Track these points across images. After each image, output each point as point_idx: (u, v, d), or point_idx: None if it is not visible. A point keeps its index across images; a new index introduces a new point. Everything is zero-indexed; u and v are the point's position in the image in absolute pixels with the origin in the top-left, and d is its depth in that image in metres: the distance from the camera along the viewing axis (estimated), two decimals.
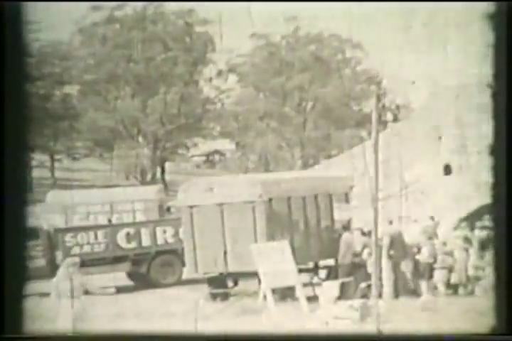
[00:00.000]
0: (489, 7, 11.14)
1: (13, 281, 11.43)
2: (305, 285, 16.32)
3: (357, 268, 16.72)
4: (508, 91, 10.92)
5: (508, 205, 10.90)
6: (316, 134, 31.70)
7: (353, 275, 16.65)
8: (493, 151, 11.05)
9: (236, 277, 17.28)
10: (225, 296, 17.09)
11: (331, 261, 17.61)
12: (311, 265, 17.66)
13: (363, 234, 16.94)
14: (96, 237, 20.01)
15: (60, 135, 36.40)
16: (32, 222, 13.88)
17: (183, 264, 18.30)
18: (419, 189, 19.45)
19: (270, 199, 16.89)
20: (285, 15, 34.05)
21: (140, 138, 36.49)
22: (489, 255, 15.96)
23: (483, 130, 19.11)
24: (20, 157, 11.49)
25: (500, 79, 10.97)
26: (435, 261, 16.69)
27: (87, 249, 19.78)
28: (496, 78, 11.01)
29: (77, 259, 13.46)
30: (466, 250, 16.59)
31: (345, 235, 17.29)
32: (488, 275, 15.83)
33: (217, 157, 39.16)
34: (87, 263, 19.28)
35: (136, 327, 14.17)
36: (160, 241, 20.46)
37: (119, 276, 20.34)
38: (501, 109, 10.94)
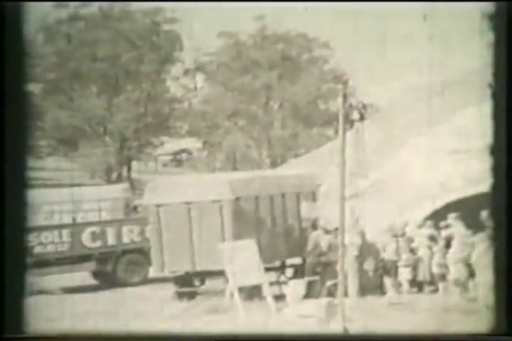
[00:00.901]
0: (489, 7, 11.21)
1: (14, 281, 11.43)
2: (272, 283, 16.41)
3: (323, 266, 16.85)
4: (508, 92, 10.98)
5: (508, 205, 10.98)
6: (283, 133, 31.85)
7: (319, 274, 16.79)
8: (493, 151, 11.11)
9: (203, 276, 17.32)
10: (192, 295, 17.12)
11: (297, 260, 17.73)
12: (278, 264, 17.75)
13: (330, 232, 17.07)
14: (60, 236, 19.94)
15: None
16: None
17: (150, 263, 18.30)
18: (386, 187, 19.62)
19: (237, 198, 16.96)
20: (253, 14, 34.17)
21: (106, 137, 36.34)
22: (453, 253, 16.17)
23: (452, 129, 19.37)
24: (20, 157, 11.50)
25: (500, 79, 11.02)
26: (400, 258, 16.89)
27: (50, 248, 19.70)
28: (496, 78, 11.07)
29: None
30: (431, 248, 16.79)
31: (312, 234, 17.41)
32: (452, 273, 16.04)
33: (184, 156, 39.07)
34: (51, 262, 19.21)
35: (100, 327, 14.14)
36: (126, 240, 20.47)
37: (84, 276, 20.29)
38: (501, 109, 10.98)
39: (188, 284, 17.40)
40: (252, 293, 15.97)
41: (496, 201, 11.11)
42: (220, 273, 16.11)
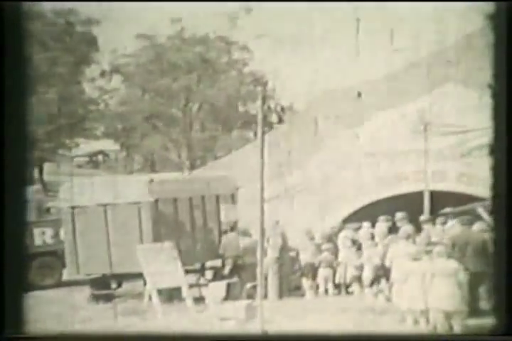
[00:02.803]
0: (489, 7, 11.20)
1: (14, 282, 11.06)
2: (191, 286, 16.37)
3: (243, 268, 16.89)
4: (508, 91, 10.94)
5: (508, 205, 10.95)
6: (203, 135, 31.84)
7: (239, 276, 16.82)
8: (493, 151, 11.07)
9: (120, 278, 17.15)
10: (108, 297, 16.91)
11: (217, 262, 17.73)
12: (197, 266, 17.72)
13: (250, 234, 17.13)
14: None
15: None
16: None
17: (64, 265, 17.98)
18: (305, 190, 19.82)
19: (156, 201, 16.83)
20: (170, 16, 34.03)
21: None
22: (368, 254, 16.45)
23: (369, 131, 19.70)
24: (20, 157, 11.14)
25: (501, 79, 10.97)
26: (318, 261, 17.08)
27: None
28: (496, 78, 11.02)
29: None
30: (348, 250, 17.03)
31: (232, 236, 17.44)
32: (368, 274, 16.31)
33: (100, 157, 38.59)
34: None
35: None
36: (38, 242, 20.06)
37: None
38: (501, 109, 10.94)
39: (104, 286, 17.20)
40: (171, 295, 15.90)
41: (496, 201, 11.10)
42: (139, 276, 16.00)
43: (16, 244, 11.31)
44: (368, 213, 18.18)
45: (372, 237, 16.92)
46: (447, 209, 16.69)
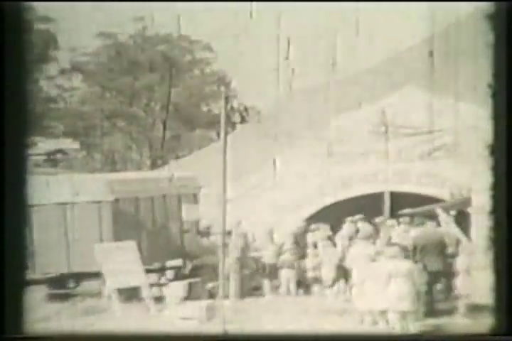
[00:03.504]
0: (489, 7, 11.23)
1: (14, 282, 10.93)
2: (152, 285, 16.39)
3: (204, 268, 16.97)
4: (508, 92, 10.99)
5: (508, 205, 11.02)
6: (165, 134, 31.79)
7: (200, 276, 16.89)
8: (493, 151, 11.11)
9: (78, 277, 17.12)
10: (66, 297, 16.87)
11: (178, 262, 17.78)
12: (158, 265, 17.76)
13: (211, 234, 17.22)
14: None
15: None
16: None
17: None
18: (268, 190, 19.95)
19: (117, 200, 16.84)
20: (133, 15, 33.94)
21: None
22: (327, 256, 16.63)
23: (331, 133, 19.90)
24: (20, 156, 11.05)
25: (500, 79, 11.01)
26: (279, 261, 17.22)
27: None
28: (496, 78, 11.05)
29: None
30: (309, 250, 17.20)
31: (194, 236, 17.52)
32: (326, 275, 16.51)
33: (59, 156, 38.31)
34: None
35: None
36: None
37: None
38: (501, 109, 10.99)
39: (61, 286, 17.17)
40: (130, 294, 15.91)
41: (496, 201, 11.15)
42: (98, 275, 15.99)
43: (16, 244, 11.28)
44: (330, 214, 18.39)
45: (333, 238, 17.12)
46: (407, 210, 16.94)
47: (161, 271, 17.80)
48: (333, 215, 17.99)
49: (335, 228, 17.50)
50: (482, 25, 11.23)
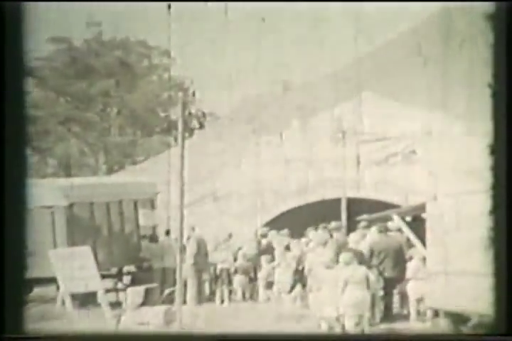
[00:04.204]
0: (489, 7, 11.29)
1: (13, 282, 10.85)
2: (108, 291, 16.41)
3: (162, 273, 17.04)
4: (508, 92, 11.03)
5: (508, 205, 11.07)
6: (121, 140, 31.70)
7: (158, 281, 16.96)
8: (493, 151, 11.12)
9: (32, 283, 17.00)
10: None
11: (135, 267, 17.80)
12: (114, 271, 17.76)
13: (169, 239, 17.31)
14: None
15: None
16: None
17: None
18: (226, 195, 20.07)
19: (71, 205, 16.83)
20: (88, 19, 33.79)
21: None
22: (286, 261, 16.79)
23: (289, 139, 20.14)
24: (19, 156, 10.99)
25: (501, 79, 11.05)
26: (234, 267, 17.36)
27: None
28: (496, 78, 11.09)
29: None
30: (266, 256, 17.36)
31: (151, 241, 17.59)
32: (283, 281, 16.66)
33: None
34: None
35: None
36: None
37: None
38: (501, 109, 11.02)
39: None
40: (86, 300, 15.90)
41: (496, 201, 11.18)
42: (51, 280, 15.95)
43: (16, 244, 11.25)
44: (287, 220, 18.60)
45: (291, 244, 17.30)
46: (364, 216, 17.20)
47: (118, 276, 17.81)
48: (290, 221, 18.21)
49: (292, 234, 17.69)
50: (482, 25, 11.38)
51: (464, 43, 16.06)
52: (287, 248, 17.24)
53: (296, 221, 17.92)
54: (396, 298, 15.19)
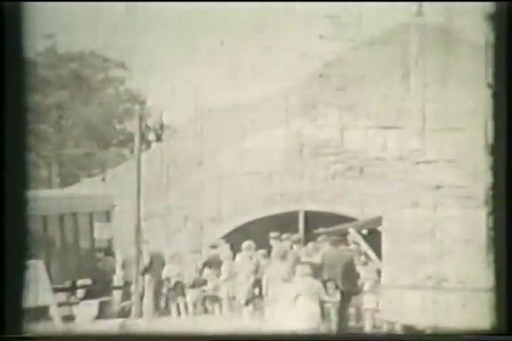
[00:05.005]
0: (489, 7, 11.42)
1: (13, 282, 10.59)
2: (61, 304, 16.31)
3: (117, 287, 17.01)
4: (508, 91, 11.13)
5: (508, 205, 11.14)
6: (76, 152, 31.58)
7: (112, 295, 16.92)
8: (494, 151, 11.21)
9: None
10: None
11: (89, 281, 17.73)
12: (68, 284, 17.65)
13: (126, 252, 17.29)
14: None
15: None
16: None
17: None
18: (181, 208, 20.12)
19: None
20: (42, 32, 33.69)
21: None
22: (243, 274, 16.88)
23: (247, 152, 20.28)
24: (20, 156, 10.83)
25: (501, 79, 11.15)
26: (192, 280, 17.40)
27: None
28: (496, 78, 11.20)
29: None
30: (222, 269, 17.43)
31: (106, 254, 17.55)
32: (241, 295, 16.73)
33: None
34: None
35: None
36: None
37: None
38: (501, 109, 11.12)
39: None
40: (37, 314, 15.77)
41: (496, 201, 11.24)
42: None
43: (16, 245, 11.15)
44: (245, 232, 18.69)
45: (249, 256, 17.39)
46: (321, 230, 17.37)
47: (72, 289, 17.70)
48: (248, 234, 18.30)
49: (251, 246, 17.79)
50: (482, 25, 11.55)
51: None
52: (244, 261, 17.33)
53: (255, 234, 18.03)
54: (351, 311, 15.35)
